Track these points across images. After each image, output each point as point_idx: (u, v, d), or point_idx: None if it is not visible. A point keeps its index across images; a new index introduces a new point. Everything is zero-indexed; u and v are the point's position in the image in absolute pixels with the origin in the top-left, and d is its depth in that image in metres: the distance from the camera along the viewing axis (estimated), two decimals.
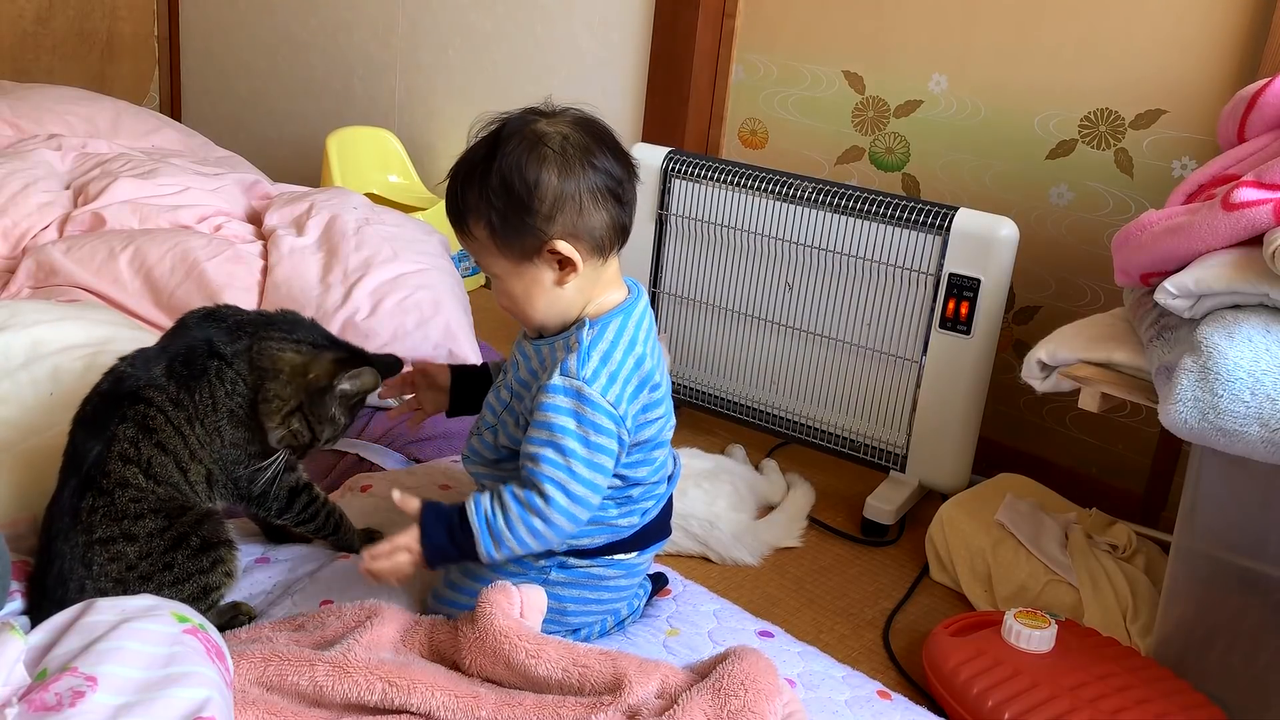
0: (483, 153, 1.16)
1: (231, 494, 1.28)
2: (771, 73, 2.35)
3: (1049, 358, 1.49)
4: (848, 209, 1.93)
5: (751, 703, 1.05)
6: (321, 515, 1.35)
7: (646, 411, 1.22)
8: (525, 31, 2.73)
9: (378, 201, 2.44)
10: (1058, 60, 2.01)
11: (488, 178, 1.14)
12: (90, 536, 1.17)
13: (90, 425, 1.21)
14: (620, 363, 1.18)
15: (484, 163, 1.15)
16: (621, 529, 1.25)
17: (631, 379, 1.18)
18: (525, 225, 1.14)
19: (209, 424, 1.24)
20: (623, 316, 1.20)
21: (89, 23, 3.32)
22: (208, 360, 1.24)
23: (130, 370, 1.24)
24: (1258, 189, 1.29)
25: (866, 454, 2.01)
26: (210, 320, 1.28)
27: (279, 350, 1.25)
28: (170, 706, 0.92)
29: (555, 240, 1.14)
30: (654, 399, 1.22)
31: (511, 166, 1.13)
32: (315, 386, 1.24)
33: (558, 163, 1.13)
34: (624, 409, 1.17)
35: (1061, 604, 1.64)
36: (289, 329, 1.28)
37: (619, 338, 1.19)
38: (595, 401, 1.15)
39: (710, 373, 2.16)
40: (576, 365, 1.16)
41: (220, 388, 1.23)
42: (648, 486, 1.25)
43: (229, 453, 1.26)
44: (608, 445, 1.16)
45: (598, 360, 1.17)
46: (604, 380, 1.16)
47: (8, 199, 2.08)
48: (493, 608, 1.15)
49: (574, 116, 1.17)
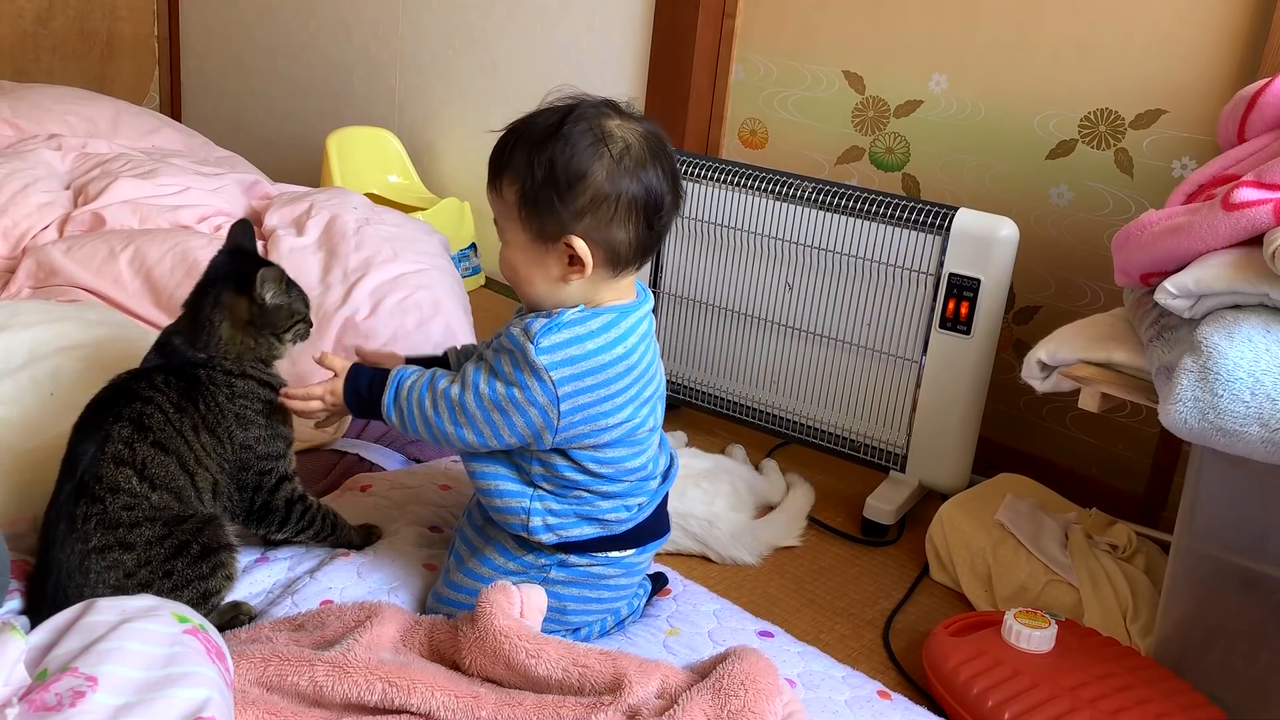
0: (547, 123, 1.16)
1: (238, 507, 1.30)
2: (771, 73, 2.35)
3: (1049, 358, 1.49)
4: (848, 209, 1.93)
5: (751, 703, 1.05)
6: (318, 521, 1.36)
7: (596, 435, 1.19)
8: (525, 31, 2.73)
9: (378, 201, 2.44)
10: (1058, 60, 2.01)
11: (542, 148, 1.14)
12: (86, 545, 1.16)
13: (86, 427, 1.21)
14: (589, 354, 1.16)
15: (544, 132, 1.15)
16: (612, 524, 1.24)
17: (594, 374, 1.16)
18: (553, 209, 1.14)
19: (220, 432, 1.26)
20: (617, 314, 1.18)
21: (89, 23, 3.32)
22: (195, 371, 1.27)
23: (128, 376, 1.26)
24: (1258, 189, 1.29)
25: (866, 454, 2.01)
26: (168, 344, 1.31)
27: (218, 343, 1.29)
28: (170, 706, 0.92)
29: (574, 237, 1.15)
30: (619, 399, 1.19)
31: (567, 150, 1.13)
32: (257, 320, 1.30)
33: (609, 166, 1.14)
34: (557, 395, 1.15)
35: (1061, 604, 1.64)
36: (197, 316, 1.31)
37: (602, 332, 1.16)
38: (533, 362, 1.14)
39: (710, 373, 2.16)
40: (540, 330, 1.15)
41: (219, 393, 1.27)
42: (632, 483, 1.24)
43: (241, 455, 1.27)
44: (521, 403, 1.15)
45: (566, 338, 1.15)
46: (559, 357, 1.14)
47: (8, 199, 2.09)
48: (493, 607, 1.15)
49: (645, 129, 1.18)
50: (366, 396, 1.25)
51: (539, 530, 1.22)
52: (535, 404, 1.15)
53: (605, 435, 1.19)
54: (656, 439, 1.27)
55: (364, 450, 1.70)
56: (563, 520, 1.22)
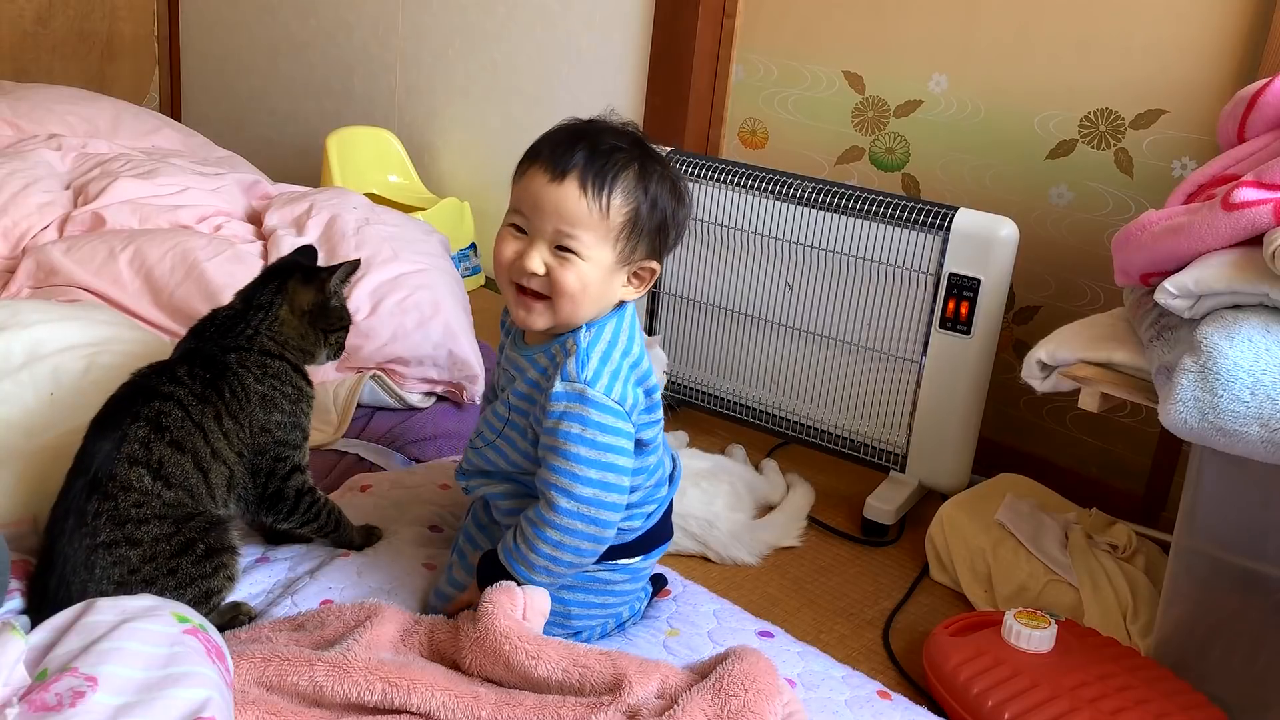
0: (645, 150, 1.19)
1: (250, 494, 1.30)
2: (771, 73, 2.35)
3: (1049, 358, 1.49)
4: (848, 209, 1.93)
5: (751, 703, 1.05)
6: (324, 514, 1.37)
7: (649, 412, 1.22)
8: (525, 31, 2.73)
9: (378, 201, 2.44)
10: (1058, 60, 2.01)
11: (655, 180, 1.17)
12: (94, 540, 1.17)
13: (104, 423, 1.22)
14: (619, 361, 1.19)
15: (650, 160, 1.18)
16: (624, 532, 1.25)
17: (631, 375, 1.19)
18: (654, 244, 1.19)
19: (243, 416, 1.27)
20: (617, 319, 1.21)
21: (89, 23, 3.32)
22: (225, 356, 1.29)
23: (149, 372, 1.28)
24: (1258, 189, 1.29)
25: (866, 454, 2.01)
26: (209, 325, 1.34)
27: (272, 323, 1.33)
28: (170, 707, 0.92)
29: (656, 262, 1.21)
30: (653, 401, 1.23)
31: (677, 192, 1.19)
32: (317, 308, 1.34)
33: (684, 206, 1.21)
34: (629, 405, 1.18)
35: (1061, 604, 1.64)
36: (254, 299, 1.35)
37: (616, 338, 1.20)
38: (600, 402, 1.15)
39: (710, 373, 2.16)
40: (577, 369, 1.16)
41: (248, 375, 1.29)
42: (645, 490, 1.25)
43: (260, 439, 1.29)
44: (617, 444, 1.16)
45: (597, 361, 1.17)
46: (606, 380, 1.16)
47: (8, 199, 2.08)
48: (495, 608, 1.15)
49: (671, 168, 1.22)
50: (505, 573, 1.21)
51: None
52: (614, 430, 1.16)
53: (646, 432, 1.22)
54: (661, 438, 1.28)
55: (364, 450, 1.70)
56: None
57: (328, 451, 1.69)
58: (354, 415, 1.76)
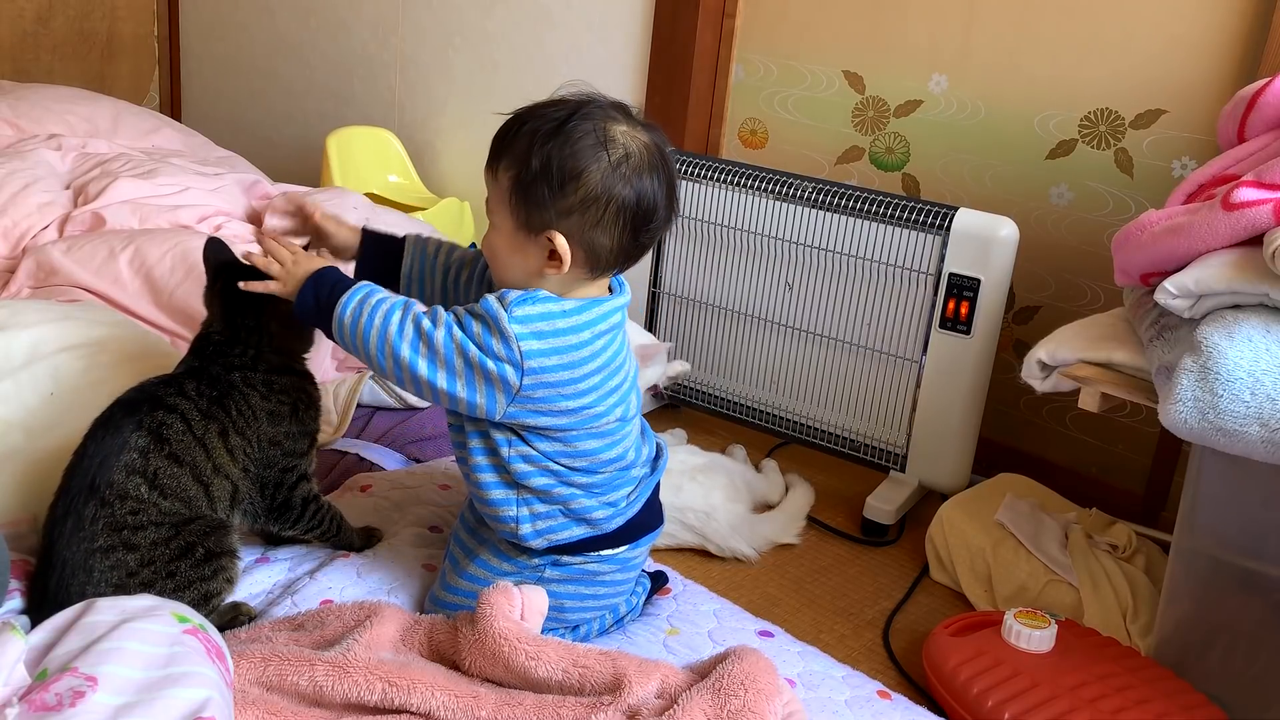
0: (554, 115, 1.15)
1: (257, 506, 1.30)
2: (771, 73, 2.35)
3: (1049, 358, 1.49)
4: (848, 209, 1.93)
5: (751, 703, 1.05)
6: (327, 520, 1.37)
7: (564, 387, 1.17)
8: (525, 31, 2.73)
9: (378, 201, 2.44)
10: (1058, 60, 2.01)
11: (544, 141, 1.14)
12: (92, 545, 1.17)
13: (105, 428, 1.22)
14: (559, 332, 1.16)
15: (549, 125, 1.14)
16: (599, 522, 1.24)
17: (561, 354, 1.16)
18: (543, 203, 1.14)
19: (250, 433, 1.27)
20: (586, 303, 1.19)
21: (89, 23, 3.32)
22: (230, 375, 1.28)
23: (158, 382, 1.27)
24: (1258, 189, 1.29)
25: (866, 454, 2.01)
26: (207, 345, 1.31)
27: (269, 340, 1.31)
28: (170, 707, 0.92)
29: (557, 233, 1.14)
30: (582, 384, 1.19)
31: (567, 147, 1.13)
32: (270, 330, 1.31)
33: (605, 169, 1.13)
34: (529, 367, 1.14)
35: (1061, 604, 1.64)
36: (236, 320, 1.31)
37: (574, 313, 1.17)
38: (505, 333, 1.13)
39: (710, 373, 2.16)
40: (515, 300, 1.14)
41: (254, 394, 1.28)
42: (611, 474, 1.24)
43: (268, 452, 1.28)
44: (484, 369, 1.13)
45: (540, 312, 1.15)
46: (529, 330, 1.14)
47: (8, 199, 2.08)
48: (493, 609, 1.15)
49: (650, 138, 1.17)
50: (326, 296, 1.18)
51: (529, 536, 1.22)
52: (499, 366, 1.13)
53: (563, 419, 1.18)
54: (633, 428, 1.27)
55: (364, 450, 1.70)
56: (550, 523, 1.22)
57: (328, 451, 1.69)
58: (354, 415, 1.76)
